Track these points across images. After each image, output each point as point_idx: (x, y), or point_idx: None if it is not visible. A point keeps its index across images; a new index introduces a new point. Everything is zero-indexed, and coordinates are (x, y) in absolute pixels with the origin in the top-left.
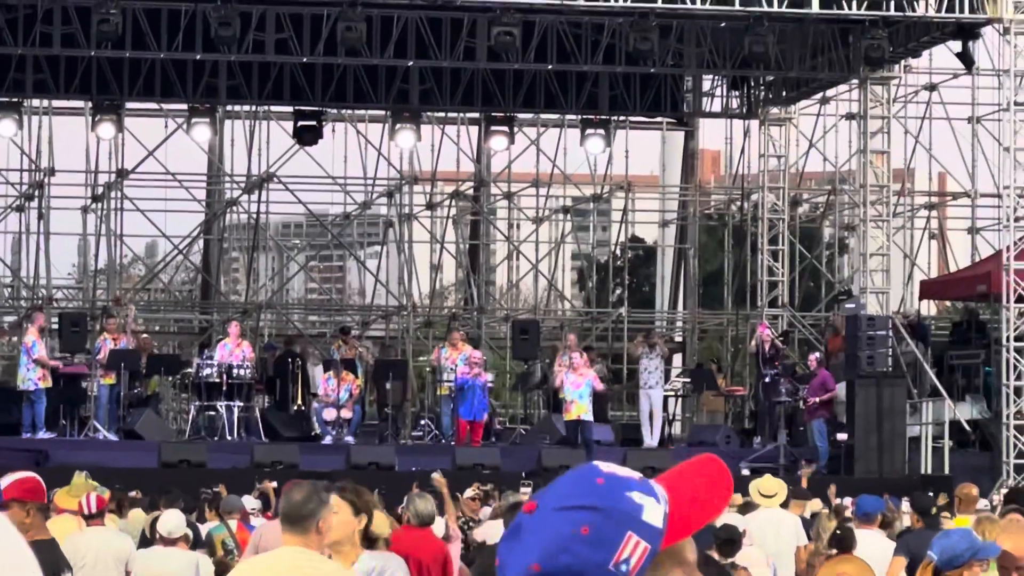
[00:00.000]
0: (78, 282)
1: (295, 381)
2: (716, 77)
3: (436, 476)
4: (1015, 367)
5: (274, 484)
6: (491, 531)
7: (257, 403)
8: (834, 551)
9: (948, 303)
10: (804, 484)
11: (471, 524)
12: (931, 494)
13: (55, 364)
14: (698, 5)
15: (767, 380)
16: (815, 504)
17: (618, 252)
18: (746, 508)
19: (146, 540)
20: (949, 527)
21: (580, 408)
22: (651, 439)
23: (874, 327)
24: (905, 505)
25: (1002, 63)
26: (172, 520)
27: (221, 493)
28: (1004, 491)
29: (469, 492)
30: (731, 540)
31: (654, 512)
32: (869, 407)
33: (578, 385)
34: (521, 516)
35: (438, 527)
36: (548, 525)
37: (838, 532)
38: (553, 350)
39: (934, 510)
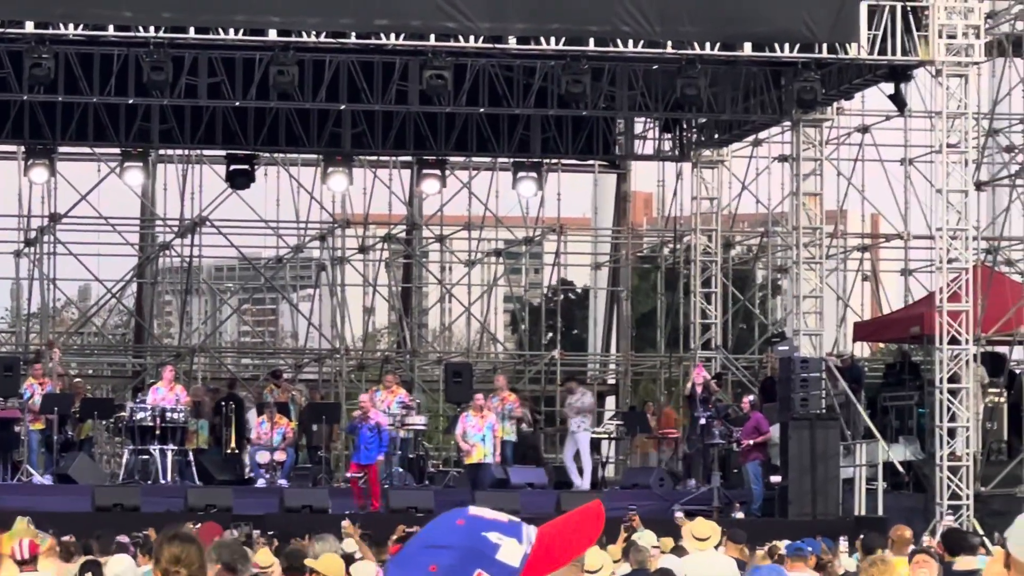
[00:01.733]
0: (11, 326)
1: (229, 424)
2: (648, 120)
3: (345, 523)
4: (948, 409)
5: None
6: None
7: (190, 446)
8: None
9: (881, 345)
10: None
11: None
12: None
13: None
14: (630, 48)
15: (702, 422)
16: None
17: (550, 295)
18: (679, 551)
19: None
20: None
21: (481, 451)
22: (581, 481)
23: (807, 369)
24: (843, 545)
25: (934, 105)
26: (120, 565)
27: (151, 537)
28: (937, 532)
29: (394, 536)
30: None
31: (511, 551)
32: (803, 449)
33: (479, 428)
34: (391, 558)
35: (365, 570)
36: (406, 565)
37: None
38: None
39: (879, 551)
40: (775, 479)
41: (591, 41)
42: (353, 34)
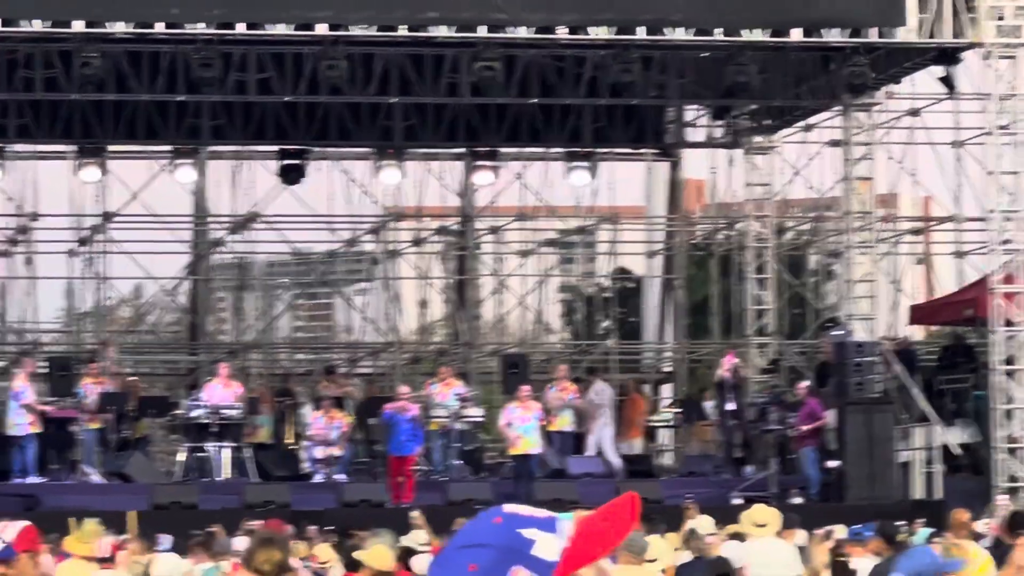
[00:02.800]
0: (65, 326)
1: (285, 420)
2: (699, 107)
3: (415, 514)
4: (1005, 390)
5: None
6: None
7: (248, 443)
8: None
9: (935, 328)
10: (693, 515)
11: None
12: (898, 523)
13: (45, 409)
14: (680, 36)
15: (730, 407)
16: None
17: (605, 284)
18: (738, 538)
19: None
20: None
21: (527, 443)
22: (616, 460)
23: (862, 353)
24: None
25: (984, 87)
26: (168, 563)
27: (216, 534)
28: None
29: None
30: (725, 572)
31: (547, 546)
32: (859, 434)
33: (525, 420)
34: (432, 559)
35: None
36: (446, 565)
37: (843, 561)
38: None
39: (899, 536)
40: (832, 464)
41: (641, 30)
42: (403, 27)
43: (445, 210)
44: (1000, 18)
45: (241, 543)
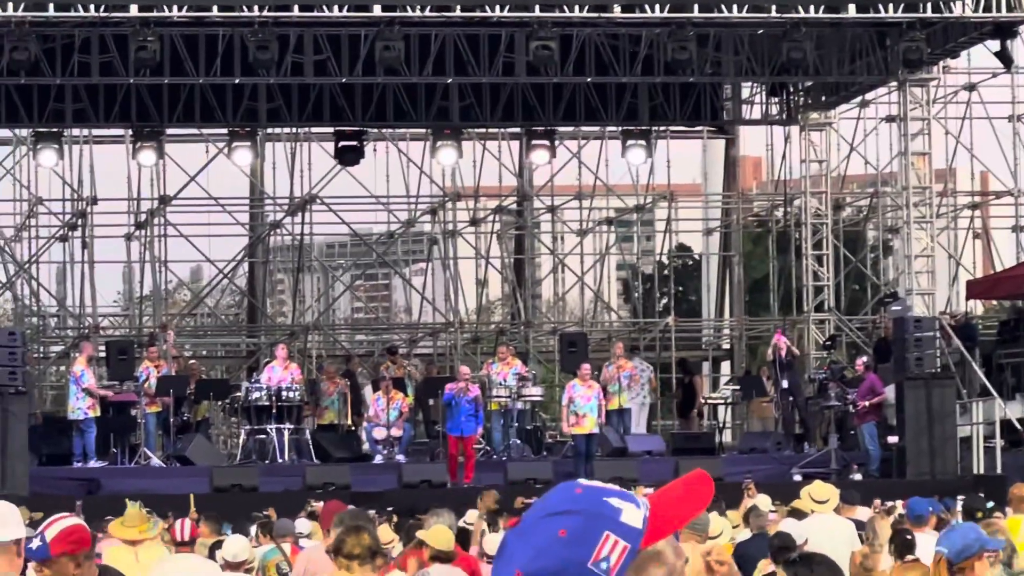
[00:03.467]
0: (124, 309)
1: (345, 401)
2: (755, 84)
3: (491, 492)
4: None
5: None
6: None
7: (307, 424)
8: (898, 559)
9: (994, 302)
10: (752, 494)
11: None
12: (981, 495)
13: (104, 393)
14: (735, 13)
15: (784, 385)
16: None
17: (663, 262)
18: (797, 514)
19: None
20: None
21: (592, 421)
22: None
23: (921, 329)
24: (959, 505)
25: None
26: (236, 545)
27: (273, 516)
28: None
29: (516, 506)
30: (785, 547)
31: (632, 515)
32: (919, 409)
33: (588, 398)
34: (507, 532)
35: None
36: (529, 534)
37: (908, 538)
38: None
39: (979, 514)
40: (892, 440)
41: (696, 7)
42: (458, 7)
43: (503, 189)
44: None
45: (303, 525)
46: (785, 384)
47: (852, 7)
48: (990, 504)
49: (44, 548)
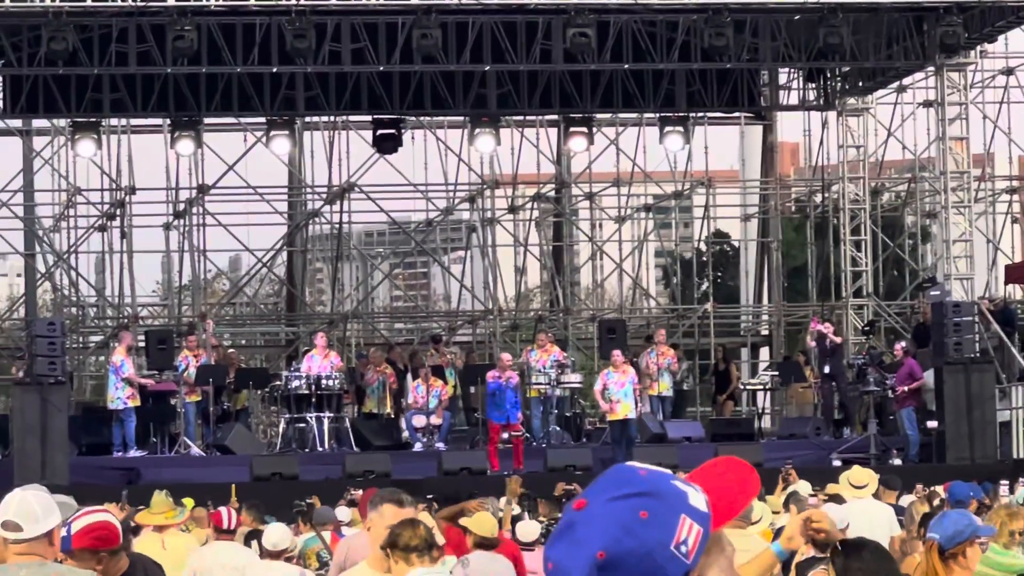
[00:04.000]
0: (163, 299)
1: (387, 390)
2: (792, 70)
3: (514, 479)
4: None
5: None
6: None
7: (347, 413)
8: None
9: None
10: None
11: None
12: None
13: (144, 382)
14: None
15: (826, 370)
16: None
17: (702, 248)
18: (837, 499)
19: None
20: None
21: (626, 408)
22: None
23: (960, 313)
24: (1003, 489)
25: None
26: (277, 533)
27: (315, 504)
28: None
29: (556, 494)
30: None
31: (698, 499)
32: (958, 394)
33: (622, 384)
34: (571, 514)
35: (530, 529)
36: (606, 514)
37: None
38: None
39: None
40: (931, 424)
41: None
42: None
43: (541, 177)
44: None
45: (343, 513)
46: (827, 370)
47: None
48: None
49: (67, 540)
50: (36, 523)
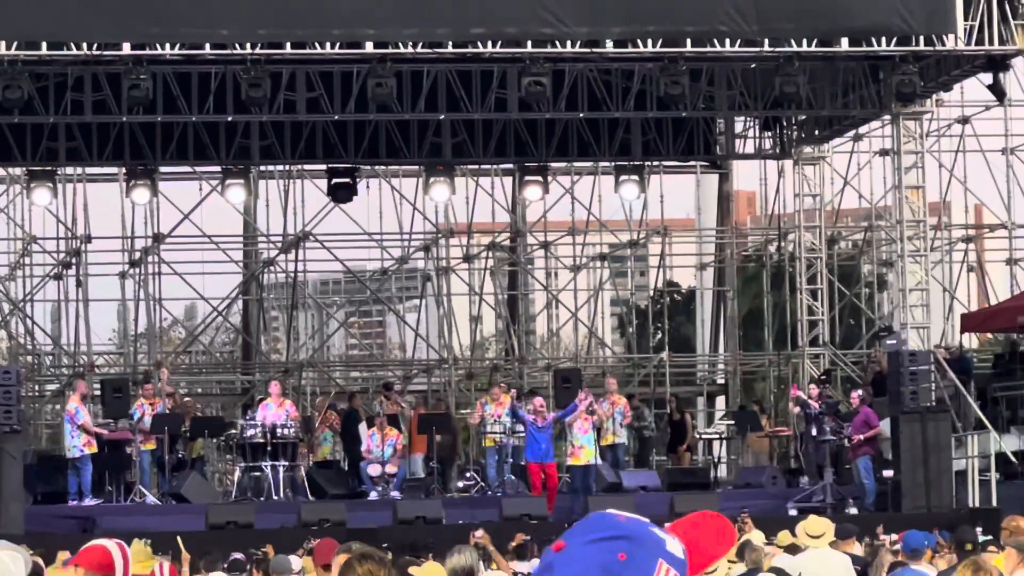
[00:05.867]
0: (119, 347)
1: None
2: (748, 118)
3: (479, 533)
4: None
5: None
6: None
7: (302, 461)
8: None
9: (989, 335)
10: (748, 528)
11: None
12: (975, 528)
13: (99, 431)
14: (727, 48)
15: (813, 432)
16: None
17: (657, 297)
18: (793, 549)
19: None
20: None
21: (588, 453)
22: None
23: (916, 362)
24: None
25: None
26: None
27: (268, 554)
28: None
29: (513, 544)
30: None
31: (675, 546)
32: (914, 442)
33: (585, 431)
34: (550, 556)
35: None
36: (585, 556)
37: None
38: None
39: (968, 546)
40: (887, 473)
41: (688, 42)
42: (450, 43)
43: (496, 226)
44: None
45: (297, 563)
46: (814, 432)
47: (845, 41)
48: (985, 537)
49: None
50: None
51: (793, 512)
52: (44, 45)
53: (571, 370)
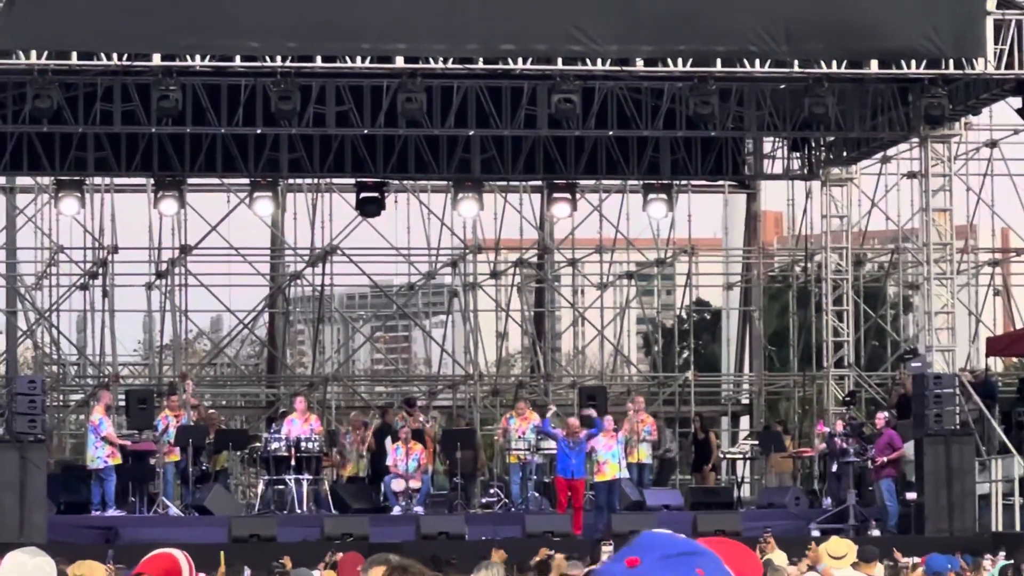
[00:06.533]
0: (144, 359)
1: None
2: (777, 139)
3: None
4: None
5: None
6: None
7: (326, 476)
8: None
9: (1014, 359)
10: (771, 548)
11: None
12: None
13: (123, 443)
14: (757, 68)
15: (834, 471)
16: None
17: (683, 316)
18: (815, 571)
19: None
20: None
21: (614, 468)
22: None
23: (941, 385)
24: (987, 562)
25: None
26: None
27: (286, 565)
28: None
29: (536, 559)
30: None
31: (728, 570)
32: (938, 465)
33: (610, 447)
34: (627, 572)
35: None
36: (667, 570)
37: None
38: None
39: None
40: (910, 496)
41: (718, 62)
42: (480, 59)
43: (523, 242)
44: None
45: None
46: (835, 468)
47: (874, 63)
48: (1007, 562)
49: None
50: None
51: (816, 533)
52: (74, 55)
53: (596, 388)
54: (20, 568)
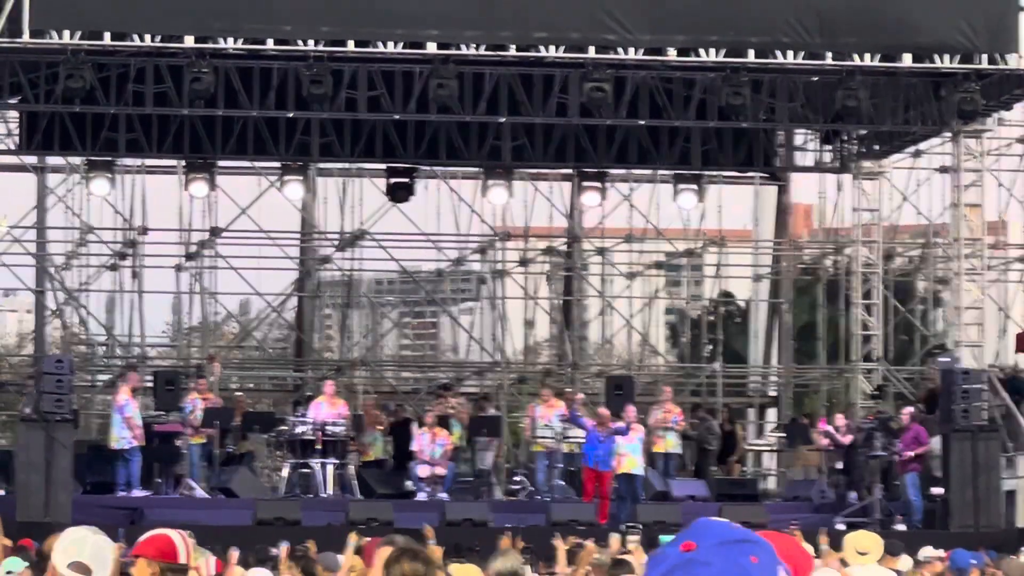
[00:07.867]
0: (172, 340)
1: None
2: (808, 131)
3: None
4: None
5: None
6: None
7: (352, 460)
8: None
9: None
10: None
11: None
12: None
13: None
14: (790, 60)
15: (839, 467)
16: (906, 561)
17: (711, 307)
18: (840, 564)
19: None
20: None
21: (631, 462)
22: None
23: (969, 381)
24: None
25: None
26: None
27: (310, 549)
28: None
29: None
30: None
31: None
32: (964, 461)
33: (630, 440)
34: (682, 555)
35: None
36: (722, 555)
37: None
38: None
39: None
40: (936, 491)
41: (751, 53)
42: (512, 47)
43: (552, 230)
44: None
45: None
46: (840, 466)
47: (907, 57)
48: None
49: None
50: (103, 571)
51: (841, 526)
52: (107, 36)
53: (623, 377)
54: (80, 542)
